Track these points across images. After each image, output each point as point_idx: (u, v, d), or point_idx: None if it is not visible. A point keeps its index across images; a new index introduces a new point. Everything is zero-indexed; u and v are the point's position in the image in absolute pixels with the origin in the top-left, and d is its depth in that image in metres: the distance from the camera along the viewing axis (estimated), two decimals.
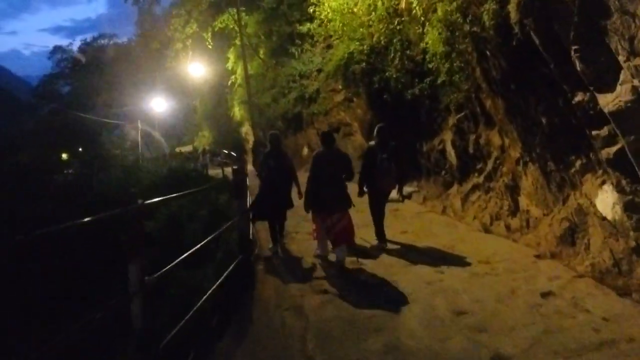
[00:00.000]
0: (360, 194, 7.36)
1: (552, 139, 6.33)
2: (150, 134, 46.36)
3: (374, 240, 7.37)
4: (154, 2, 28.73)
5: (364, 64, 11.63)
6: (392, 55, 10.53)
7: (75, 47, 52.81)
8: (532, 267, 5.57)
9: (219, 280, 5.12)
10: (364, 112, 14.69)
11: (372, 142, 7.60)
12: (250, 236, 7.40)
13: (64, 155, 46.14)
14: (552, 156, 6.39)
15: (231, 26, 25.21)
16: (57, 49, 52.04)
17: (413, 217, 9.16)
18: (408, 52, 10.28)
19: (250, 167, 18.25)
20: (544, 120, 6.33)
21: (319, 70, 17.96)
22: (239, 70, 27.02)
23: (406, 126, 11.00)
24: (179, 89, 43.18)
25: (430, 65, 8.98)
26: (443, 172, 9.84)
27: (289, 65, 19.53)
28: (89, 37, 55.99)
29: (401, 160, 7.47)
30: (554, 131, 6.23)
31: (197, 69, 30.26)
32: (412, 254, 6.71)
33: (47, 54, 52.08)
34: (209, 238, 4.88)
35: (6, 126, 53.32)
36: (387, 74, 10.74)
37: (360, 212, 7.04)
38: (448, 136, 9.55)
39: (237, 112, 28.64)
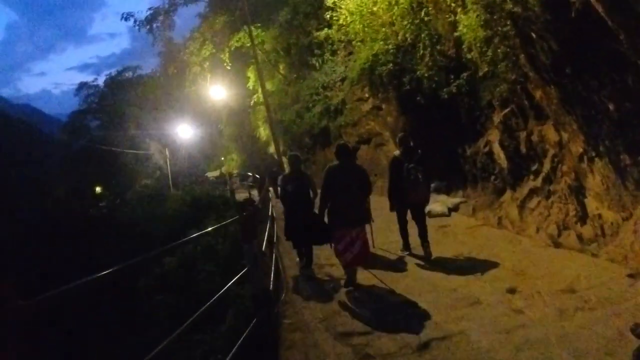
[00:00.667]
0: (392, 208, 7.31)
1: (623, 128, 5.27)
2: (178, 161, 46.58)
3: (400, 252, 7.28)
4: (167, 28, 28.07)
5: (390, 65, 10.65)
6: (421, 52, 9.57)
7: (100, 82, 53.51)
8: (631, 293, 4.39)
9: None
10: (394, 119, 13.70)
11: (397, 152, 7.45)
12: (276, 272, 6.68)
13: (98, 189, 46.90)
14: (625, 148, 5.31)
15: (248, 44, 24.68)
16: (82, 85, 52.69)
17: (465, 233, 8.03)
18: (438, 47, 9.31)
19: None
20: (611, 106, 5.34)
21: (343, 80, 17.14)
22: (261, 89, 26.57)
23: (444, 130, 9.99)
24: (203, 113, 42.98)
25: (469, 56, 7.98)
26: (492, 178, 8.74)
27: (311, 78, 18.73)
28: (113, 71, 54.92)
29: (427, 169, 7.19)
30: (626, 118, 5.17)
31: (217, 92, 29.77)
32: (475, 287, 5.42)
33: (74, 92, 52.72)
34: (209, 302, 3.72)
35: (40, 164, 54.21)
36: (417, 73, 9.74)
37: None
38: (494, 136, 8.47)
39: (262, 132, 28.05)
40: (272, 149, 30.27)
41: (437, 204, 9.53)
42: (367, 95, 15.85)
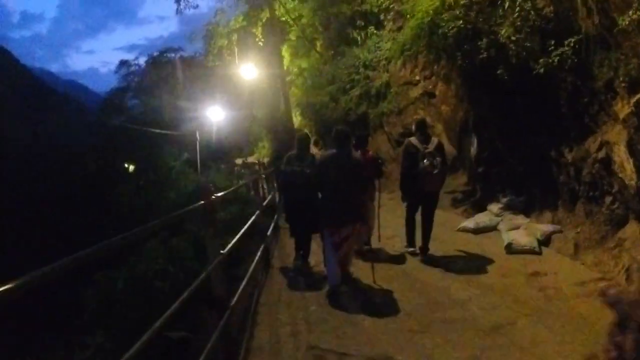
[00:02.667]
0: (404, 198, 7.08)
1: None
2: (208, 145, 45.57)
3: (402, 248, 7.25)
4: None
5: (460, 22, 7.70)
6: (506, 4, 6.68)
7: (142, 61, 53.78)
8: None
9: None
10: (452, 108, 11.01)
11: (412, 138, 6.96)
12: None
13: (131, 167, 46.66)
14: None
15: (283, 17, 22.14)
16: (123, 63, 52.93)
17: (581, 300, 4.78)
18: None
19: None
20: None
21: (389, 60, 14.29)
22: (296, 70, 23.98)
23: (531, 122, 7.15)
24: (235, 95, 40.93)
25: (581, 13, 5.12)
26: (608, 199, 5.83)
27: (351, 55, 15.99)
28: (155, 52, 54.58)
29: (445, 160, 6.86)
30: None
31: (248, 71, 27.33)
32: None
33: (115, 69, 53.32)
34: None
35: (79, 138, 55.16)
36: (499, 36, 6.86)
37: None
38: (616, 135, 5.58)
39: (296, 118, 25.49)
40: None
41: (520, 232, 6.76)
42: (417, 77, 13.13)
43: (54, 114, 68.35)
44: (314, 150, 9.48)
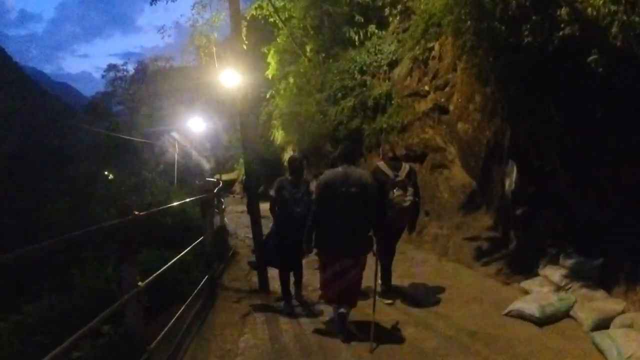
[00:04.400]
0: (376, 233, 5.52)
1: None
2: (188, 157, 45.05)
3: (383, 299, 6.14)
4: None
5: None
6: None
7: (130, 67, 55.38)
8: None
9: None
10: (475, 125, 8.77)
11: (380, 162, 6.38)
12: None
13: (111, 175, 46.10)
14: None
15: (271, 18, 19.66)
16: (111, 67, 54.52)
17: None
18: None
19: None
20: None
21: (391, 65, 11.84)
22: (282, 84, 21.49)
23: (626, 143, 4.54)
24: (219, 105, 39.22)
25: None
26: None
27: (345, 57, 13.48)
28: (145, 59, 57.33)
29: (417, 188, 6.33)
30: None
31: (230, 77, 24.61)
32: None
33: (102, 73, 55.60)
34: None
35: (67, 141, 56.31)
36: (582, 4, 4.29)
37: None
38: None
39: (277, 133, 23.00)
40: (287, 155, 25.29)
41: (627, 334, 4.03)
42: (426, 88, 10.78)
43: (43, 114, 68.25)
44: None
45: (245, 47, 21.04)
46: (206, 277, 5.09)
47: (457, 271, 6.77)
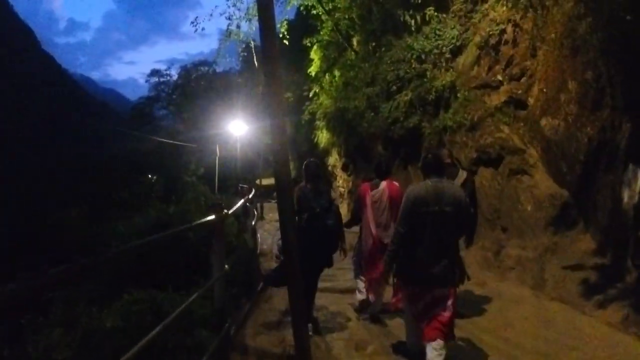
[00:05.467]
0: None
1: None
2: (229, 161, 45.32)
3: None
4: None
5: None
6: None
7: (173, 72, 55.58)
8: None
9: None
10: (570, 120, 7.08)
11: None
12: None
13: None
14: None
15: (314, 10, 18.26)
16: (154, 72, 54.00)
17: None
18: None
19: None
20: None
21: (455, 52, 10.25)
22: (326, 78, 20.01)
23: None
24: (260, 108, 38.71)
25: None
26: None
27: (399, 46, 11.84)
28: (189, 64, 56.81)
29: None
30: None
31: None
32: None
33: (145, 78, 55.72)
34: None
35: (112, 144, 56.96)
36: None
37: None
38: None
39: (321, 135, 21.61)
40: (332, 159, 23.86)
41: None
42: (499, 77, 9.25)
43: (90, 119, 70.70)
44: (341, 177, 7.95)
45: (287, 42, 19.96)
46: (215, 341, 3.51)
47: (567, 317, 5.11)
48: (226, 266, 3.62)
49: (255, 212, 13.49)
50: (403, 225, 4.37)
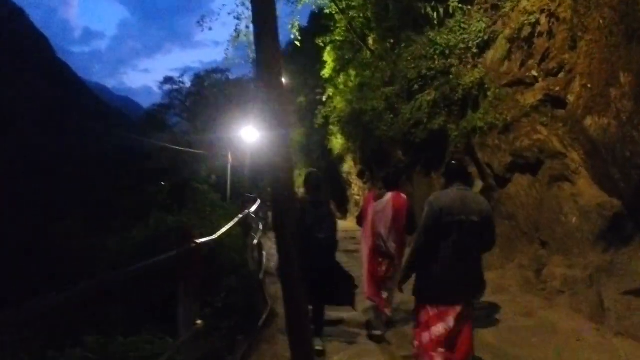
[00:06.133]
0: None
1: None
2: (241, 169, 44.63)
3: None
4: None
5: None
6: None
7: (186, 79, 55.12)
8: None
9: None
10: (624, 117, 5.96)
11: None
12: None
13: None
14: None
15: (328, 9, 17.49)
16: (168, 80, 53.44)
17: None
18: None
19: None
20: None
21: (482, 46, 9.37)
22: (341, 78, 19.15)
23: None
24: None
25: None
26: None
27: (421, 41, 10.92)
28: (202, 71, 56.11)
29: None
30: None
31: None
32: None
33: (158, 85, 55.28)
34: None
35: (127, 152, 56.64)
36: None
37: None
38: None
39: (335, 141, 20.80)
40: (346, 166, 23.02)
41: None
42: (534, 73, 8.36)
43: (105, 126, 71.93)
44: (357, 184, 7.43)
45: (298, 44, 19.16)
46: None
47: None
48: (199, 321, 2.73)
49: (261, 225, 12.61)
50: (425, 235, 4.08)
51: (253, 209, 11.62)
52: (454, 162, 4.47)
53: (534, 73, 8.22)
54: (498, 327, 5.48)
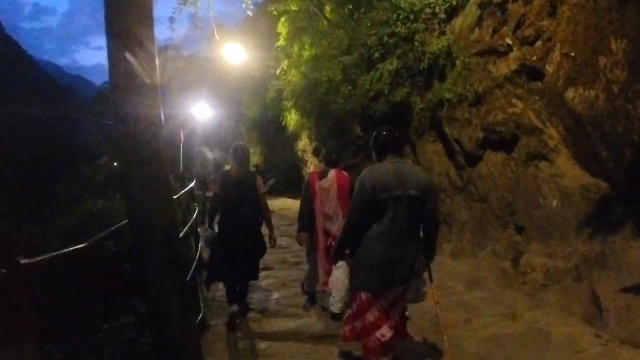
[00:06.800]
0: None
1: None
2: (194, 147, 43.54)
3: None
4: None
5: None
6: None
7: None
8: None
9: None
10: (615, 92, 5.28)
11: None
12: None
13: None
14: None
15: None
16: None
17: None
18: None
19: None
20: None
21: (450, 12, 8.67)
22: (296, 49, 18.04)
23: None
24: (226, 89, 36.69)
25: None
26: None
27: (382, 7, 9.95)
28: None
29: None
30: None
31: (234, 53, 22.39)
32: None
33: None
34: None
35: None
36: None
37: None
38: None
39: (290, 117, 20.12)
40: (301, 143, 22.14)
41: None
42: (508, 41, 7.47)
43: (57, 106, 69.16)
44: (312, 163, 7.31)
45: (250, 13, 17.96)
46: None
47: None
48: None
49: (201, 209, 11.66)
50: (356, 214, 3.80)
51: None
52: (385, 132, 4.04)
53: (508, 41, 7.43)
54: (480, 336, 4.60)
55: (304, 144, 21.79)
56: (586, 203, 5.88)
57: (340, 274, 5.22)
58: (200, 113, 36.75)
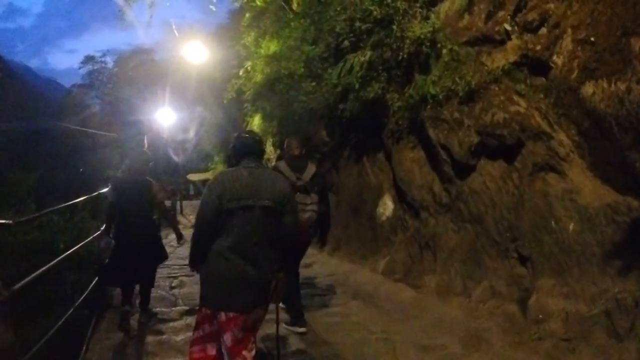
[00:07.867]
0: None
1: None
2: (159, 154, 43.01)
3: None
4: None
5: None
6: None
7: (110, 59, 53.13)
8: None
9: None
10: None
11: (280, 162, 6.00)
12: None
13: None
14: None
15: None
16: (89, 58, 50.82)
17: None
18: None
19: None
20: None
21: None
22: (262, 49, 16.86)
23: None
24: (189, 92, 37.15)
25: None
26: None
27: None
28: (126, 52, 55.45)
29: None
30: None
31: (195, 52, 21.83)
32: None
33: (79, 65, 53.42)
34: None
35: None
36: None
37: None
38: None
39: (252, 121, 18.86)
40: (267, 148, 20.82)
41: None
42: (506, 26, 6.22)
43: (24, 108, 68.60)
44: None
45: (213, 8, 17.15)
46: None
47: None
48: None
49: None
50: (201, 224, 3.52)
51: None
52: (244, 134, 3.94)
53: (506, 27, 6.13)
54: None
55: (268, 152, 20.53)
56: (613, 227, 4.55)
57: None
58: (165, 117, 36.08)
